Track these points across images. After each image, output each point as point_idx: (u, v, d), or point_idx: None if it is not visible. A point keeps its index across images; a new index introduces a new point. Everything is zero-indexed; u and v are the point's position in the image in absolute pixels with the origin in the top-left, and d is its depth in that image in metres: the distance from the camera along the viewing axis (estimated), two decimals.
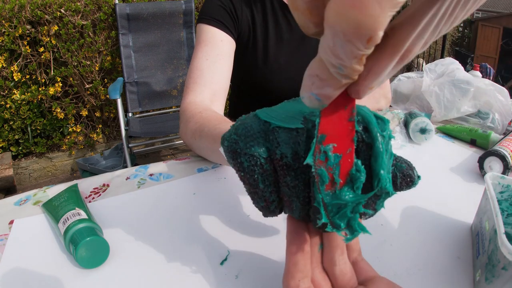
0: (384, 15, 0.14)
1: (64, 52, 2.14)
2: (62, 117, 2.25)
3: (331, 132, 0.23)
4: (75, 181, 0.55)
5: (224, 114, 0.69)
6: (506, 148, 0.61)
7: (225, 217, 0.48)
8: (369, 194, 0.24)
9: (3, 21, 1.97)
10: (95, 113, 2.41)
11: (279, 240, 0.43)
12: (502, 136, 0.71)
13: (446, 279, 0.39)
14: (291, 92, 0.64)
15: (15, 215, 0.48)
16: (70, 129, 2.33)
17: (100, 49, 2.25)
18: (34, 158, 2.32)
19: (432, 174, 0.62)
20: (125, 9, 2.06)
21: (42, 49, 2.10)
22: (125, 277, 0.38)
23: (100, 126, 2.47)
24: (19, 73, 2.08)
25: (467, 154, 0.72)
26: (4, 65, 2.04)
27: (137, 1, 2.32)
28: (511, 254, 0.31)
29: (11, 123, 2.13)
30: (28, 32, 2.05)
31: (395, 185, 0.28)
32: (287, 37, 0.79)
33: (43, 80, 2.16)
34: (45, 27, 2.07)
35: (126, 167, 1.93)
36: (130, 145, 1.97)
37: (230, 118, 0.73)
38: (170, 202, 0.52)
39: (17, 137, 2.19)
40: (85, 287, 0.37)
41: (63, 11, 2.09)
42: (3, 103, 2.08)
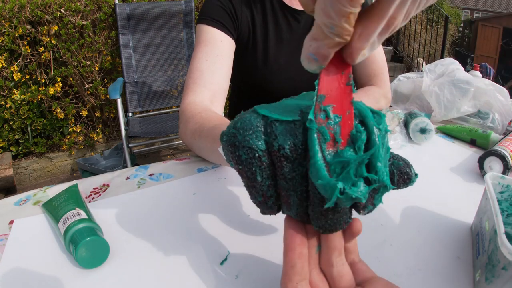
0: None
1: (64, 52, 2.14)
2: (62, 117, 2.25)
3: (330, 93, 0.25)
4: (75, 181, 0.55)
5: (224, 114, 0.69)
6: (506, 148, 0.61)
7: (225, 217, 0.48)
8: (370, 151, 0.25)
9: (3, 21, 1.97)
10: (95, 113, 2.41)
11: (279, 240, 0.43)
12: (502, 136, 0.71)
13: (446, 279, 0.39)
14: (291, 92, 0.63)
15: (15, 215, 0.48)
16: (70, 129, 2.33)
17: (100, 49, 2.25)
18: (34, 158, 2.32)
19: (432, 174, 0.62)
20: (125, 9, 2.06)
21: (42, 49, 2.10)
22: (125, 277, 0.38)
23: (100, 126, 2.47)
24: (19, 73, 2.08)
25: (467, 154, 0.72)
26: (4, 65, 2.04)
27: (137, 1, 2.32)
28: (511, 254, 0.31)
29: (11, 123, 2.13)
30: (28, 32, 2.05)
31: (392, 182, 0.28)
32: (287, 38, 0.79)
33: (43, 80, 2.16)
34: (45, 27, 2.07)
35: (126, 167, 1.93)
36: (130, 145, 1.97)
37: (230, 118, 0.73)
38: (170, 202, 0.52)
39: (17, 137, 2.19)
40: (85, 287, 0.37)
41: (63, 11, 2.09)
42: (3, 103, 2.08)
